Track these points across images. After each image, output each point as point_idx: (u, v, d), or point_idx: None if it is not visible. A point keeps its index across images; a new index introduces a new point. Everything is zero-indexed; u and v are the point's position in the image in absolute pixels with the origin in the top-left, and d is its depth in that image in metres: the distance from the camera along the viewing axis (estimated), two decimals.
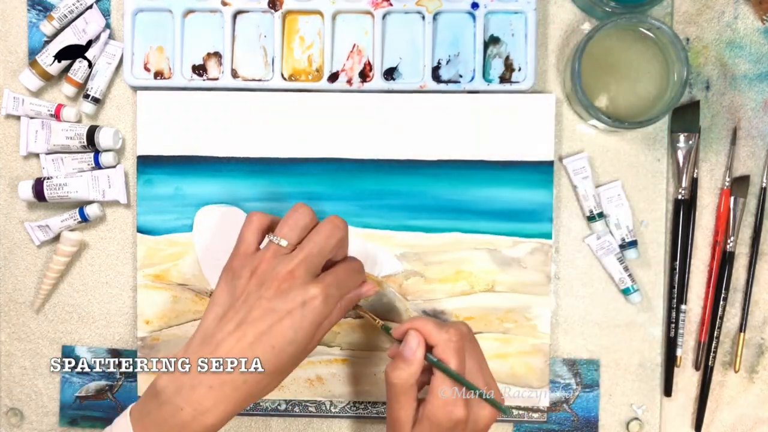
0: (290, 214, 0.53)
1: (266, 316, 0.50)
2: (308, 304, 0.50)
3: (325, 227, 0.53)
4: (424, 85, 0.63)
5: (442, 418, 0.52)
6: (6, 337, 0.66)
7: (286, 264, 0.51)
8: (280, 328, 0.50)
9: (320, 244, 0.52)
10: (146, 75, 0.64)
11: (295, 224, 0.53)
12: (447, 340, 0.52)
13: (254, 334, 0.50)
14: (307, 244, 0.52)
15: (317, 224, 0.53)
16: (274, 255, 0.52)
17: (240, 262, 0.53)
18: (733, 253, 0.63)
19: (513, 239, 0.63)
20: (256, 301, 0.51)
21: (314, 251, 0.52)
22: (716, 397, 0.65)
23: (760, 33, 0.64)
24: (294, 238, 0.52)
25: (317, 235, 0.52)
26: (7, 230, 0.66)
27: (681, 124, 0.63)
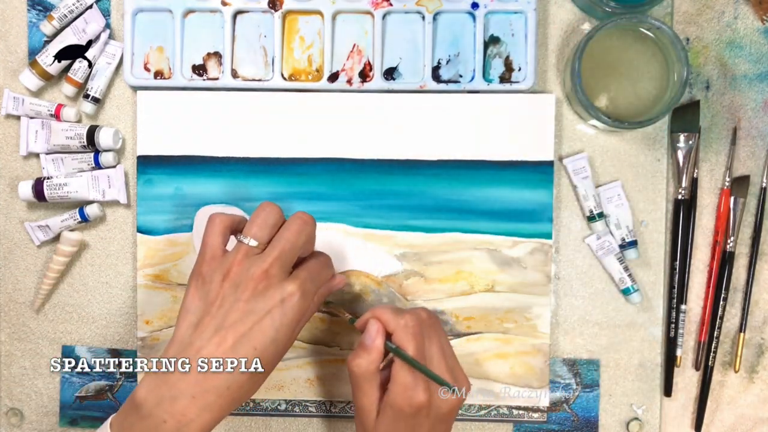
0: (258, 213, 0.52)
1: (245, 318, 0.49)
2: (287, 302, 0.50)
3: (294, 224, 0.52)
4: (424, 85, 0.63)
5: (403, 404, 0.52)
6: (6, 337, 0.66)
7: (259, 264, 0.50)
8: (260, 328, 0.49)
9: (291, 241, 0.51)
10: (146, 75, 0.64)
11: (264, 223, 0.52)
12: (404, 326, 0.53)
13: (234, 337, 0.49)
14: (278, 242, 0.51)
15: (285, 222, 0.53)
16: (245, 256, 0.51)
17: (209, 266, 0.52)
18: (733, 253, 0.63)
19: (513, 239, 0.63)
20: (232, 304, 0.50)
21: (286, 248, 0.51)
22: (716, 397, 0.65)
23: (760, 33, 0.64)
24: (264, 237, 0.52)
25: (287, 232, 0.52)
26: (7, 230, 0.66)
27: (681, 124, 0.63)
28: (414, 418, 0.52)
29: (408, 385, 0.52)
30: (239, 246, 0.52)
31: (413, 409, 0.52)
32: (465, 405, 0.64)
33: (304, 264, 0.53)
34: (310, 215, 0.53)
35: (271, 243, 0.52)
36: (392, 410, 0.52)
